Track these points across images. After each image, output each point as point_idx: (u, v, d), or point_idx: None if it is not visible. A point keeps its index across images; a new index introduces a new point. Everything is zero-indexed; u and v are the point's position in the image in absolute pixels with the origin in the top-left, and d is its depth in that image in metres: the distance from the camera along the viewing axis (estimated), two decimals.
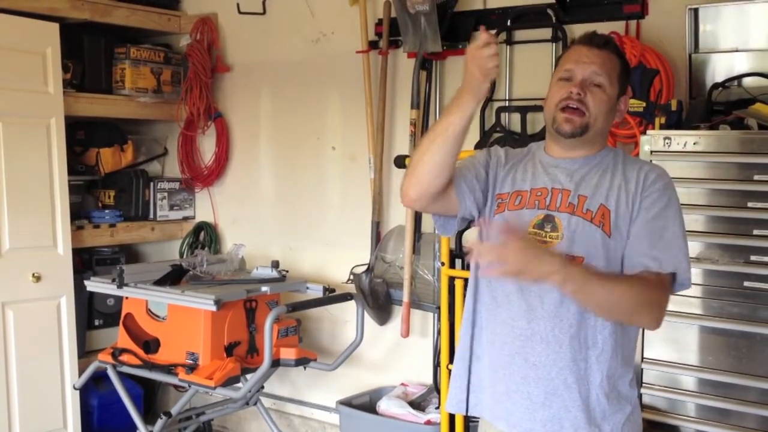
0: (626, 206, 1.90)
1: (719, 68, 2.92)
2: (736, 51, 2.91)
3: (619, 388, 1.94)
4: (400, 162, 3.55)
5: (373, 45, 3.87)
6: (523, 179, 2.01)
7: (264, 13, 4.29)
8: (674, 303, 2.59)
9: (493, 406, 2.01)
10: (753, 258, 2.48)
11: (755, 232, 2.47)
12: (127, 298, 3.73)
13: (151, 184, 4.49)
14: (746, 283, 2.49)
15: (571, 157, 1.99)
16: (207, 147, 4.53)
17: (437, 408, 3.44)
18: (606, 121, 1.97)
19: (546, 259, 1.74)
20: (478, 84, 1.83)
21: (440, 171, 1.91)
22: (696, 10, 2.96)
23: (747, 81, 2.83)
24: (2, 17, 3.75)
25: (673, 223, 1.91)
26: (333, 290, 3.72)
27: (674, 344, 2.64)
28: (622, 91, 2.01)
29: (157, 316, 3.64)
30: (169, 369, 3.50)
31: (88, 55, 4.24)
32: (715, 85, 2.77)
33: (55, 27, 3.96)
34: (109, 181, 4.44)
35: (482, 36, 1.81)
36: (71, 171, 4.09)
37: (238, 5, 4.31)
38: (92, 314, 4.27)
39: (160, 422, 3.55)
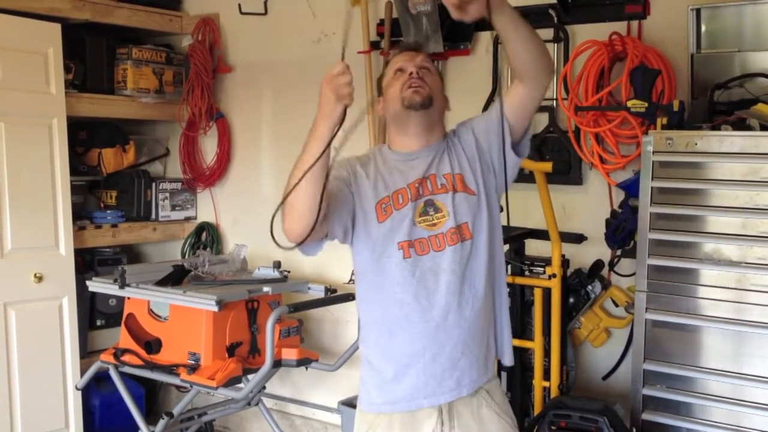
0: (470, 155, 2.18)
1: (721, 69, 2.91)
2: (738, 51, 2.92)
3: None
4: None
5: (374, 45, 3.87)
6: (393, 180, 2.17)
7: (266, 13, 4.29)
8: (676, 304, 2.62)
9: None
10: (755, 259, 2.47)
11: (757, 232, 2.46)
12: (128, 298, 3.73)
13: (153, 184, 4.49)
14: (748, 284, 2.49)
15: (422, 146, 2.20)
16: (209, 147, 4.54)
17: None
18: (441, 101, 2.23)
19: None
20: (333, 108, 1.92)
21: (317, 202, 1.98)
22: (698, 11, 2.96)
23: (748, 81, 2.82)
24: (4, 18, 3.76)
25: None
26: (335, 290, 3.72)
27: (676, 345, 2.64)
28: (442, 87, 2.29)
29: (159, 317, 3.64)
30: (170, 369, 3.50)
31: (89, 55, 4.24)
32: (717, 86, 2.77)
33: (57, 27, 3.97)
34: (111, 181, 4.44)
35: (337, 65, 1.91)
36: (73, 171, 4.10)
37: (239, 6, 4.31)
38: (94, 314, 4.27)
39: (161, 422, 3.55)
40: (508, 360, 2.27)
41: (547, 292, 3.04)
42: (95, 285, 3.82)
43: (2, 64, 3.77)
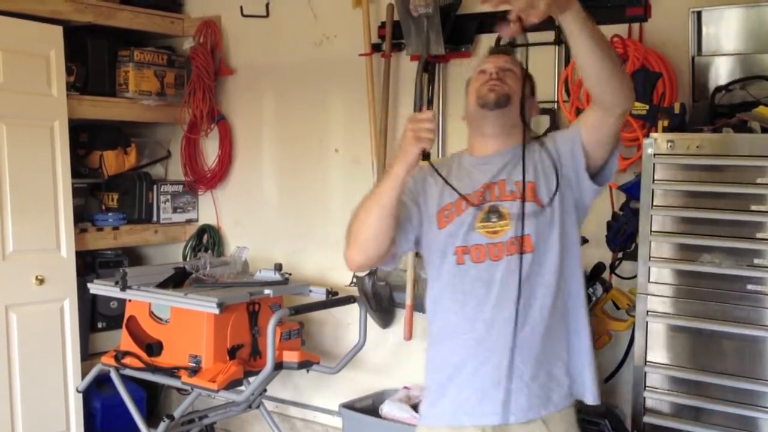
0: (547, 167, 2.07)
1: (722, 71, 2.91)
2: (739, 54, 2.91)
3: None
4: None
5: (376, 48, 3.87)
6: (460, 185, 2.12)
7: (267, 15, 4.29)
8: (678, 308, 2.62)
9: None
10: (756, 261, 2.47)
11: (758, 235, 2.46)
12: (129, 300, 3.73)
13: (155, 186, 4.49)
14: (749, 287, 2.48)
15: (497, 150, 2.13)
16: (210, 150, 4.53)
17: None
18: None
19: None
20: (411, 150, 1.96)
21: (383, 237, 2.05)
22: (699, 13, 2.95)
23: (749, 84, 2.82)
24: (7, 20, 3.76)
25: None
26: (336, 293, 3.72)
27: (678, 348, 2.64)
28: (531, 91, 2.21)
29: (160, 319, 3.64)
30: (171, 372, 3.49)
31: (91, 57, 4.23)
32: (718, 88, 2.77)
33: (58, 30, 3.96)
34: (113, 183, 4.43)
35: (425, 111, 2.03)
36: (75, 174, 4.09)
37: (241, 8, 4.31)
38: (95, 317, 4.27)
39: (162, 425, 3.55)
40: (592, 398, 2.11)
41: None
42: (96, 287, 3.82)
43: (4, 66, 3.76)
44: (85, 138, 4.35)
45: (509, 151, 2.11)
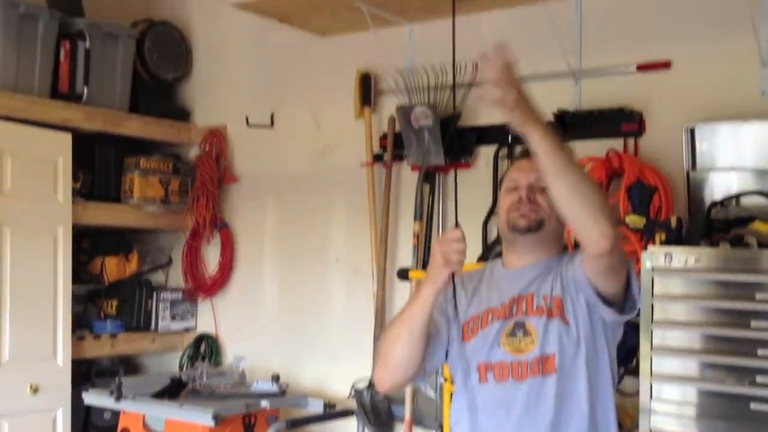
0: (571, 283, 1.95)
1: (717, 186, 2.93)
2: (733, 170, 2.94)
3: None
4: (404, 275, 3.55)
5: (377, 158, 3.92)
6: (489, 297, 2.05)
7: (272, 125, 4.38)
8: (681, 426, 2.55)
9: None
10: (759, 379, 2.41)
11: (759, 352, 2.41)
12: (124, 411, 3.65)
13: (154, 293, 4.46)
14: (753, 406, 2.42)
15: (530, 263, 2.04)
16: (211, 257, 4.53)
17: None
18: (559, 221, 2.01)
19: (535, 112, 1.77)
20: (439, 272, 1.89)
21: (413, 361, 1.98)
22: (692, 130, 2.99)
23: (744, 199, 2.84)
24: (17, 127, 3.81)
25: None
26: (334, 405, 3.64)
27: None
28: None
29: None
30: None
31: (98, 164, 4.28)
32: (714, 204, 2.79)
33: (67, 137, 4.01)
34: (112, 290, 4.41)
35: (455, 231, 1.89)
36: (75, 279, 4.06)
37: (246, 118, 4.40)
38: (88, 428, 4.14)
39: None
40: None
41: None
42: (91, 397, 3.75)
43: (12, 172, 3.79)
44: (88, 244, 4.35)
45: (541, 264, 2.04)
